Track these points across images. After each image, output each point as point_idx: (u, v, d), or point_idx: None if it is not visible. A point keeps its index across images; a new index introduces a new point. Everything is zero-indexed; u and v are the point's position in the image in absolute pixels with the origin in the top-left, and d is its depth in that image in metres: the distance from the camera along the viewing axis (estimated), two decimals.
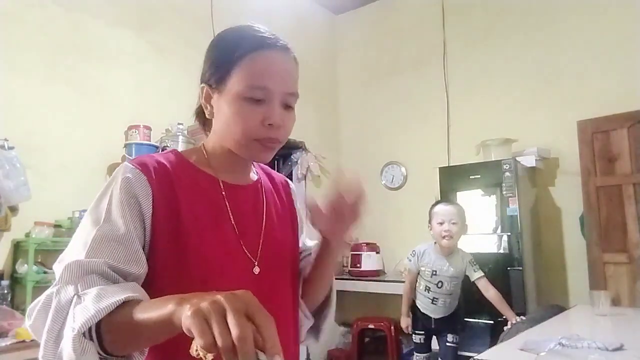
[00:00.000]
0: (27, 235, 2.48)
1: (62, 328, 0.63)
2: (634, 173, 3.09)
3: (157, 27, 3.33)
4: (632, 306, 2.87)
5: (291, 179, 4.23)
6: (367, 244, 4.15)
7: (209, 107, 0.87)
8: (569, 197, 3.48)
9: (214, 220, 0.82)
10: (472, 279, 2.71)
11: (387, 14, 4.64)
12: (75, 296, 0.65)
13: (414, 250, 2.85)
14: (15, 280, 2.42)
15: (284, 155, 4.46)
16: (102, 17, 3.03)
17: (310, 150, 4.24)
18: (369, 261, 4.05)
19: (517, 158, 3.39)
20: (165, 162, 0.83)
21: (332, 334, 4.39)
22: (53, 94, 2.74)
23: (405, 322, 2.84)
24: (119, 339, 0.63)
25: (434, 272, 2.72)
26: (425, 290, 2.76)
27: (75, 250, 0.72)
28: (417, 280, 2.83)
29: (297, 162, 4.27)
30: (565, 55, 3.64)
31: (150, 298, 0.67)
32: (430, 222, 2.81)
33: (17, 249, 2.48)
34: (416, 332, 2.83)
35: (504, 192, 3.30)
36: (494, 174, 3.37)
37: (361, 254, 4.08)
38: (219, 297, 0.51)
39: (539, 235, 3.60)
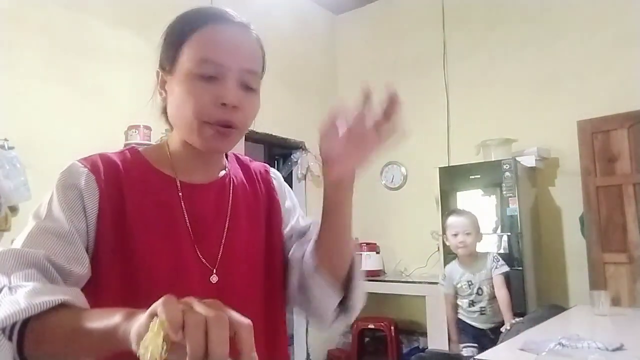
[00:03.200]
0: None
1: None
2: (634, 173, 3.09)
3: (157, 27, 3.30)
4: (632, 306, 2.87)
5: (291, 179, 4.27)
6: (367, 244, 4.15)
7: (163, 93, 0.78)
8: (569, 197, 3.48)
9: (165, 225, 0.74)
10: (492, 273, 2.69)
11: (387, 14, 4.64)
12: (6, 287, 0.56)
13: (443, 274, 2.87)
14: None
15: (284, 155, 4.46)
16: (102, 17, 3.03)
17: (310, 150, 4.24)
18: (369, 261, 4.05)
19: (517, 158, 3.38)
20: (117, 161, 0.77)
21: (332, 334, 4.38)
22: (53, 94, 2.74)
23: (455, 345, 2.77)
24: (43, 345, 0.54)
25: (470, 283, 2.72)
26: (470, 306, 2.74)
27: (15, 243, 0.66)
28: (456, 301, 2.81)
29: (297, 162, 4.27)
30: (565, 55, 3.63)
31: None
32: (445, 233, 2.85)
33: None
34: (468, 345, 2.73)
35: (504, 192, 3.30)
36: (494, 174, 3.37)
37: (361, 254, 4.08)
38: (190, 301, 0.45)
39: (539, 235, 3.60)
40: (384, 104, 0.70)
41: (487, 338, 2.70)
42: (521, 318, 2.56)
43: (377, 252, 4.16)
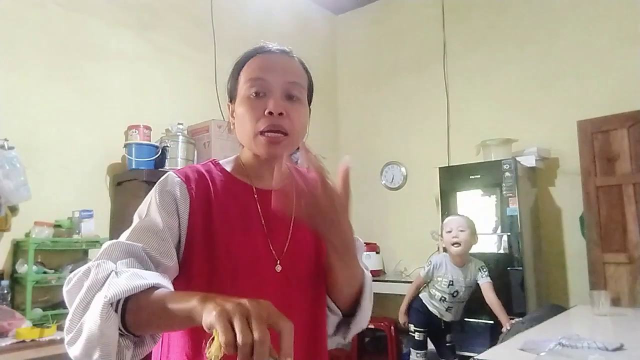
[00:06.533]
0: (27, 235, 2.48)
1: (92, 299, 0.69)
2: (634, 173, 3.09)
3: (157, 27, 3.33)
4: (632, 306, 2.87)
5: None
6: (367, 244, 4.15)
7: (232, 119, 0.94)
8: (569, 197, 3.48)
9: (245, 223, 0.89)
10: (479, 281, 2.77)
11: (387, 14, 4.64)
12: (113, 272, 0.72)
13: (430, 260, 2.91)
14: (15, 280, 2.42)
15: None
16: (102, 17, 3.03)
17: (310, 150, 4.24)
18: (368, 261, 4.05)
19: (517, 158, 3.38)
20: (204, 172, 0.92)
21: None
22: (53, 94, 2.74)
23: (403, 319, 2.95)
24: (140, 318, 0.68)
25: (451, 283, 2.77)
26: (440, 301, 2.81)
27: (122, 237, 0.83)
28: (424, 288, 2.91)
29: (297, 162, 4.27)
30: (565, 55, 3.63)
31: None
32: (441, 234, 2.89)
33: (17, 249, 2.48)
34: (418, 330, 2.86)
35: (504, 192, 3.30)
36: (494, 174, 3.36)
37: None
38: (244, 301, 0.57)
39: (539, 235, 3.60)
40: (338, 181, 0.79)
41: (439, 327, 2.84)
42: (521, 318, 2.57)
43: (377, 252, 4.15)
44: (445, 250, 2.92)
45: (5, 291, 2.30)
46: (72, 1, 2.88)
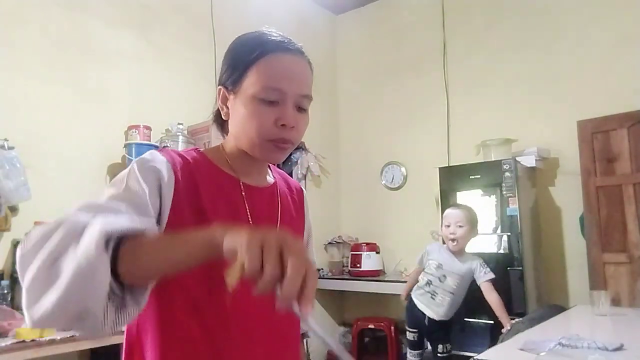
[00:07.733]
0: (27, 235, 2.48)
1: (65, 250, 0.59)
2: (634, 173, 3.09)
3: (157, 27, 3.33)
4: (632, 306, 2.87)
5: None
6: (367, 244, 4.15)
7: (225, 109, 0.89)
8: (569, 197, 3.48)
9: (233, 220, 0.85)
10: (478, 281, 2.68)
11: (387, 14, 4.63)
12: (95, 218, 0.62)
13: (426, 249, 2.89)
14: (15, 280, 2.41)
15: None
16: (102, 17, 3.03)
17: (310, 150, 4.24)
18: (369, 261, 4.05)
19: (517, 158, 3.38)
20: (189, 159, 0.86)
21: (332, 334, 4.38)
22: (53, 94, 2.74)
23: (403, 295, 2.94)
24: (137, 259, 0.60)
25: (440, 265, 2.73)
26: (426, 285, 2.76)
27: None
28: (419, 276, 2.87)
29: (297, 162, 4.27)
30: (565, 55, 3.63)
31: (172, 290, 0.74)
32: (441, 226, 2.87)
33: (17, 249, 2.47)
34: (410, 329, 2.85)
35: (504, 192, 3.30)
36: (494, 174, 3.36)
37: (361, 254, 4.08)
38: (280, 233, 0.52)
39: (539, 235, 3.60)
40: None
41: (424, 327, 2.76)
42: (521, 318, 2.56)
43: (377, 252, 4.15)
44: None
45: (5, 291, 2.30)
46: (72, 1, 2.88)
